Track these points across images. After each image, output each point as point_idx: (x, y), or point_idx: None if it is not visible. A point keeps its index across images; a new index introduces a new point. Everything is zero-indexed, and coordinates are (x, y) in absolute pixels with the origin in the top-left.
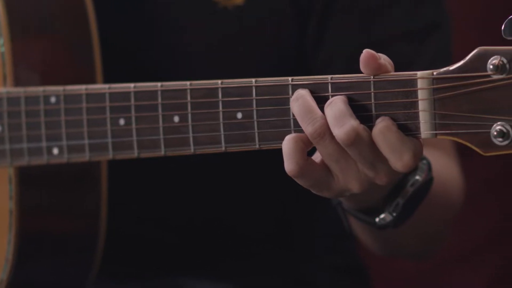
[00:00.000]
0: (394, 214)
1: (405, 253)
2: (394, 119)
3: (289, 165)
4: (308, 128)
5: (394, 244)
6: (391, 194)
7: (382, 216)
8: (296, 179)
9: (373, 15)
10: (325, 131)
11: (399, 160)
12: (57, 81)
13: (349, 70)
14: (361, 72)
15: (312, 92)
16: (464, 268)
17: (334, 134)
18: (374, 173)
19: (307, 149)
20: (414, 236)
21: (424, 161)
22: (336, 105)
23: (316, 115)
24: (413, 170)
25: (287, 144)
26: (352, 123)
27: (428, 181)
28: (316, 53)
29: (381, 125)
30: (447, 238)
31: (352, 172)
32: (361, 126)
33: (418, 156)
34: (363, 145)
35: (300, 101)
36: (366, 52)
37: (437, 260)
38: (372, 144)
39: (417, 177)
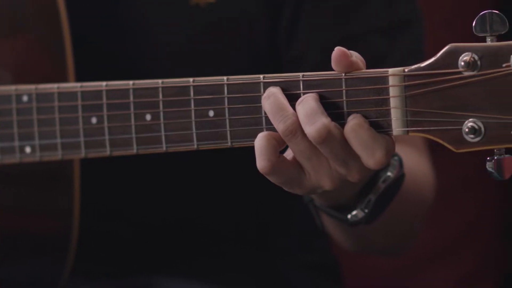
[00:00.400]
0: (366, 211)
1: (377, 249)
2: (366, 116)
3: (261, 162)
4: (279, 126)
5: (366, 241)
6: (363, 191)
7: (354, 212)
8: (268, 177)
9: (345, 11)
10: (297, 128)
11: (371, 157)
12: (29, 80)
13: (322, 66)
14: (333, 69)
15: (284, 90)
16: (437, 265)
17: (306, 131)
18: (346, 171)
19: (279, 147)
20: (386, 232)
21: (396, 158)
22: (308, 102)
23: (288, 112)
24: (385, 166)
25: (260, 141)
26: (324, 120)
27: (400, 177)
28: (288, 49)
29: (353, 122)
30: (419, 235)
31: (324, 169)
32: (333, 123)
33: (390, 153)
34: (334, 142)
35: (272, 99)
36: (337, 49)
37: (410, 257)
38: (344, 142)
39: (389, 174)
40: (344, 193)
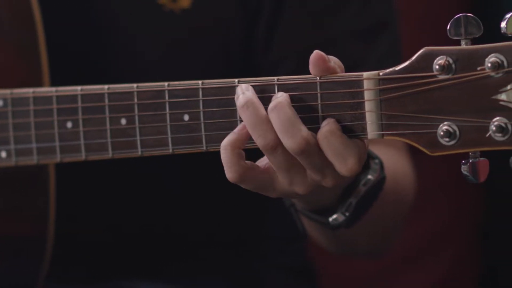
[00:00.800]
0: (347, 214)
1: (359, 252)
2: (340, 120)
3: (228, 173)
4: (259, 141)
5: (348, 244)
6: (344, 194)
7: (334, 216)
8: (238, 184)
9: (323, 16)
10: (277, 144)
11: (343, 165)
12: (4, 84)
13: (300, 71)
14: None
15: (258, 92)
16: (413, 268)
17: (284, 143)
18: (321, 177)
19: (244, 152)
20: (368, 234)
21: (376, 161)
22: (283, 111)
23: (267, 126)
24: (366, 169)
25: (224, 153)
26: (302, 133)
27: (381, 180)
28: (266, 54)
29: (325, 129)
30: (400, 235)
31: (300, 177)
32: (310, 134)
33: (362, 160)
34: (312, 152)
35: (250, 110)
36: (316, 53)
37: (386, 260)
38: (320, 150)
39: (370, 177)
40: (325, 197)
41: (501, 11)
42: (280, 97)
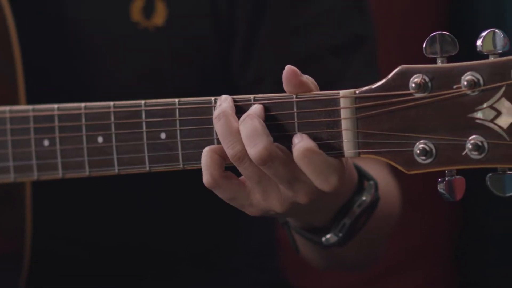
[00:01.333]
0: (340, 235)
1: (347, 266)
2: (317, 139)
3: (204, 176)
4: (228, 151)
5: (337, 259)
6: (338, 215)
7: (328, 236)
8: (213, 191)
9: (301, 33)
10: (244, 155)
11: (325, 183)
12: None
13: (280, 90)
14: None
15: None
16: (388, 284)
17: (248, 153)
18: (292, 193)
19: (224, 161)
20: (357, 250)
21: (371, 182)
22: (248, 122)
23: (237, 137)
24: (360, 190)
25: (204, 156)
26: (265, 142)
27: (375, 201)
28: (245, 73)
29: (303, 148)
30: (385, 247)
31: (274, 192)
32: (274, 145)
33: (342, 175)
34: (277, 164)
35: (222, 121)
36: (287, 68)
37: (361, 276)
38: (288, 164)
39: (364, 198)
40: (318, 218)
41: (477, 29)
42: (251, 109)
